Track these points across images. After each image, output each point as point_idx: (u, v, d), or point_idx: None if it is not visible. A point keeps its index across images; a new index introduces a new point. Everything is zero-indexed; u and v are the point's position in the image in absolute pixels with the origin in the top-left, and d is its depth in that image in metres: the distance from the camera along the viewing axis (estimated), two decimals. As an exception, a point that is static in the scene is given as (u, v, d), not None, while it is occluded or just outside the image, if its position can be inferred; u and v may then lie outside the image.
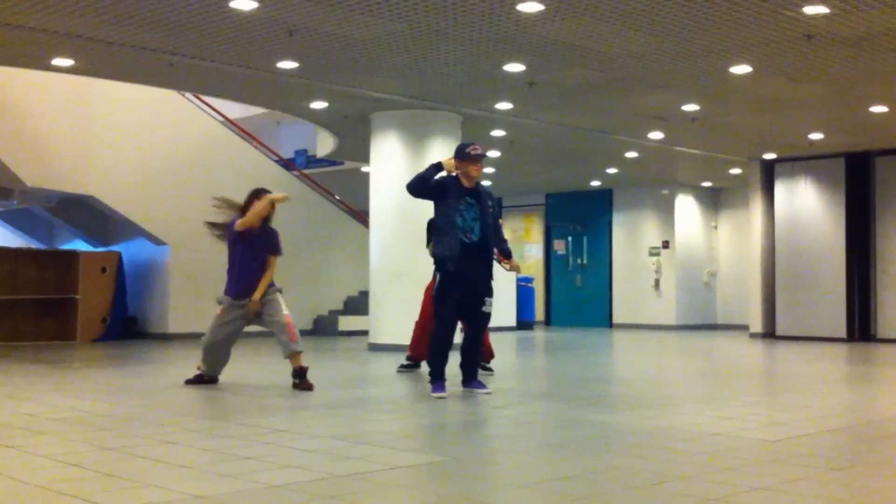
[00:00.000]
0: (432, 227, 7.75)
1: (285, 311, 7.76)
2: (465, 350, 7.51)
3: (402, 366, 9.31)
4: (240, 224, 7.64)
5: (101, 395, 7.57)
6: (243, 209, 7.84)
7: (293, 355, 7.61)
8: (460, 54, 9.52)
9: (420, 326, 9.08)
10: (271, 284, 7.85)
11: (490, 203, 7.44)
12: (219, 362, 7.91)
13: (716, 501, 3.67)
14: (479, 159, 7.32)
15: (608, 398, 7.42)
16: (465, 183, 7.34)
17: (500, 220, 8.54)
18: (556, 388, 7.87)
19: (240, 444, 4.97)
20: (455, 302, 7.22)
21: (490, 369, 8.96)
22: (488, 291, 7.37)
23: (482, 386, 7.43)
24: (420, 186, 7.30)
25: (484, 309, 7.35)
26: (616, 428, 5.83)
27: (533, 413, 6.54)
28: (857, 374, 10.09)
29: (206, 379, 7.93)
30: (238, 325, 7.83)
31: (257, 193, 7.87)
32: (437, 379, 7.25)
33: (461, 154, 7.33)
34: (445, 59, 9.71)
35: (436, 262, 7.32)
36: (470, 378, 7.48)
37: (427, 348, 7.72)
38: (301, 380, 7.56)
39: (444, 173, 7.36)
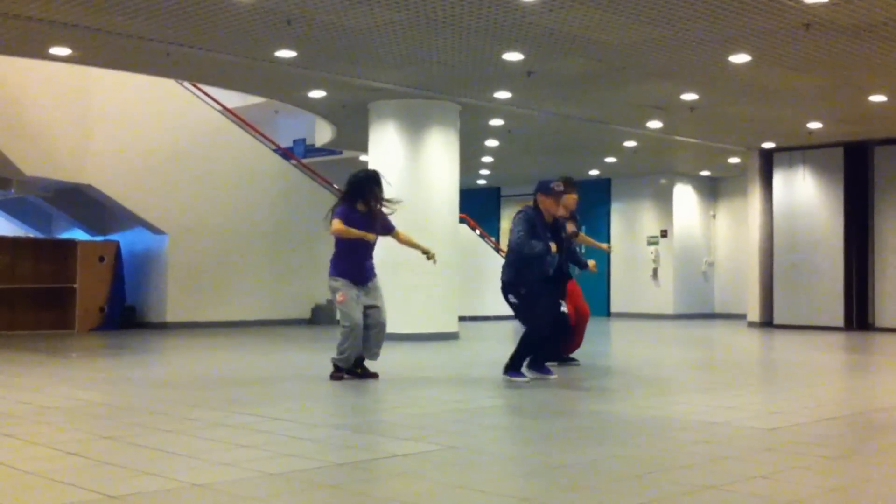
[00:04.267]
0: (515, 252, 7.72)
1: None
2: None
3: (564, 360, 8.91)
4: (333, 231, 7.51)
5: (99, 384, 7.58)
6: (349, 196, 7.63)
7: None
8: (459, 43, 9.50)
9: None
10: (374, 275, 7.75)
11: (564, 234, 7.79)
12: (358, 345, 7.67)
13: (713, 490, 3.68)
14: (559, 196, 7.57)
15: (606, 387, 7.43)
16: (546, 217, 7.57)
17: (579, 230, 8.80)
18: (553, 377, 7.87)
19: (239, 432, 4.98)
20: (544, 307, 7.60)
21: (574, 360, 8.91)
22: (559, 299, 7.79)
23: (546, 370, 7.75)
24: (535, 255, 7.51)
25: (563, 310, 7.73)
26: (614, 417, 5.85)
27: (528, 402, 6.55)
28: (855, 364, 10.11)
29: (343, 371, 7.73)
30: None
31: (369, 183, 7.61)
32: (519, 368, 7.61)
33: (544, 189, 7.53)
34: (444, 48, 9.69)
35: (510, 285, 7.56)
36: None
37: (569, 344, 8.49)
38: (363, 368, 7.72)
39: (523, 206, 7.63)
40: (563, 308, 7.80)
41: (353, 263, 7.60)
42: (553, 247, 7.39)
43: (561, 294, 7.96)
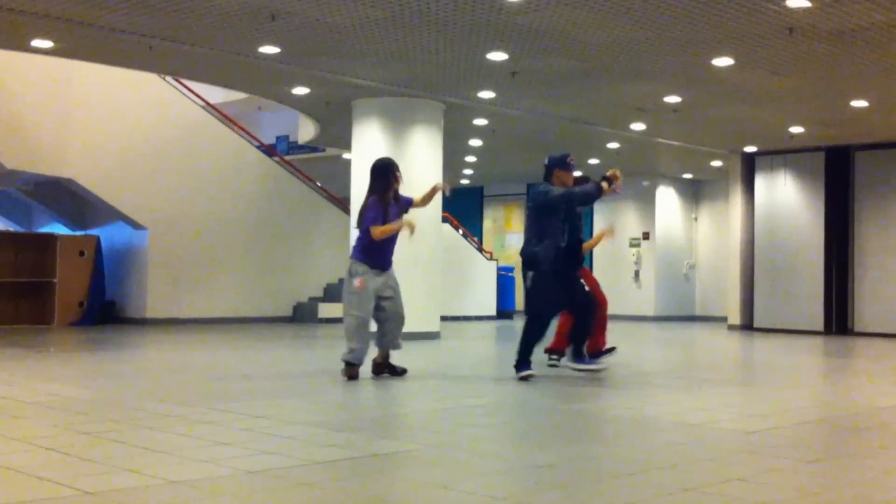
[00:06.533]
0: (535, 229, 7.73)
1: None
2: (576, 333, 7.91)
3: (551, 360, 8.80)
4: (377, 235, 7.48)
5: (78, 379, 7.53)
6: (379, 186, 7.67)
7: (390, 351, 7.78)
8: (443, 42, 9.50)
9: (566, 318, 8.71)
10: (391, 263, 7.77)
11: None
12: (368, 338, 7.56)
13: (691, 491, 3.69)
14: (573, 169, 7.80)
15: (585, 387, 7.44)
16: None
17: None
18: (533, 377, 7.89)
19: (217, 429, 4.96)
20: (553, 298, 7.63)
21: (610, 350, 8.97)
22: (578, 283, 7.95)
23: (591, 361, 7.90)
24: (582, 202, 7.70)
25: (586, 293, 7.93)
26: (593, 416, 5.86)
27: (509, 401, 6.56)
28: (834, 367, 10.17)
29: (356, 367, 7.52)
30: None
31: (388, 170, 7.69)
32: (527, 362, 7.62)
33: (561, 163, 7.69)
34: (428, 46, 9.69)
35: (532, 262, 7.58)
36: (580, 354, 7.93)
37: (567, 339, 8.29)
38: (392, 367, 7.76)
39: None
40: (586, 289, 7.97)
41: (380, 250, 7.64)
42: (604, 186, 7.42)
43: (574, 281, 8.01)
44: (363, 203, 7.74)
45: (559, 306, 8.00)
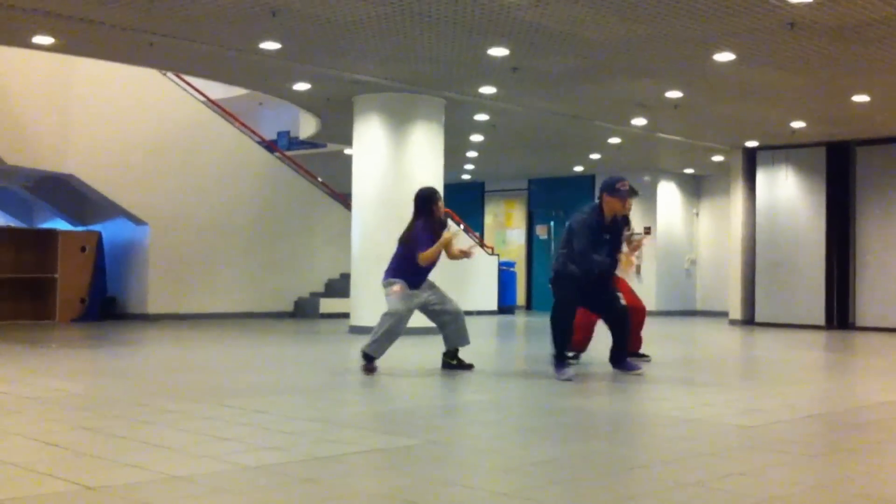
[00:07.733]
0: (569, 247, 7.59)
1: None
2: (615, 345, 7.90)
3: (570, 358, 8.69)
4: (423, 260, 7.55)
5: (78, 375, 7.54)
6: (424, 212, 7.77)
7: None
8: (444, 38, 9.49)
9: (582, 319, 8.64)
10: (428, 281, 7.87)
11: (628, 229, 7.75)
12: (395, 337, 7.66)
13: (692, 486, 3.69)
14: (624, 197, 7.42)
15: (587, 383, 7.44)
16: (606, 215, 7.45)
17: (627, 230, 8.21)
18: (534, 373, 7.89)
19: (218, 425, 4.96)
20: (572, 307, 7.57)
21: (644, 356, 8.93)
22: (611, 292, 7.77)
23: (634, 367, 7.83)
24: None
25: (619, 304, 7.74)
26: (594, 413, 5.86)
27: (511, 398, 6.56)
28: (835, 362, 10.17)
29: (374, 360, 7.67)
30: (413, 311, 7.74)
31: (432, 199, 7.79)
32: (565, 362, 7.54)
33: (610, 189, 7.40)
34: (429, 42, 9.67)
35: (560, 276, 7.51)
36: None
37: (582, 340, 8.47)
38: (459, 360, 7.91)
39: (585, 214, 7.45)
40: (622, 301, 7.83)
41: (414, 273, 7.69)
42: (623, 259, 7.38)
43: (605, 291, 7.86)
44: (410, 228, 7.77)
45: (573, 314, 7.85)
